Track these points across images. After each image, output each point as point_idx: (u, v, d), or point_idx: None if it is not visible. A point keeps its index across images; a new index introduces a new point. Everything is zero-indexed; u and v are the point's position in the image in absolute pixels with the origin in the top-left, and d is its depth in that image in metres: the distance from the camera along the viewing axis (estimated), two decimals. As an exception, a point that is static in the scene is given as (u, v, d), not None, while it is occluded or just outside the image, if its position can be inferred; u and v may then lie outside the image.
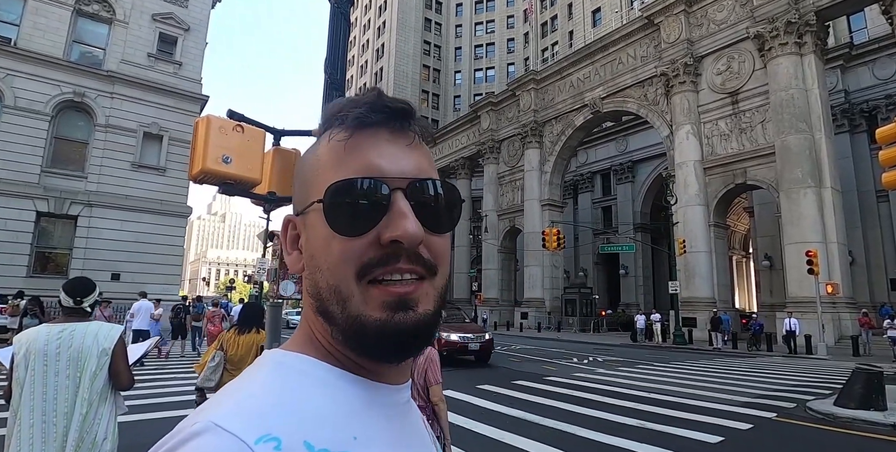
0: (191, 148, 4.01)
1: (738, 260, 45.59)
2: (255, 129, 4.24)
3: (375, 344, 0.47)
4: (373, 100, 0.51)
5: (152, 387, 8.91)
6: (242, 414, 0.40)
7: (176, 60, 22.43)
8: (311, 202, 0.50)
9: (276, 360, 0.49)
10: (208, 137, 3.93)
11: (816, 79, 21.46)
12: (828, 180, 20.59)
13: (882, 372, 7.67)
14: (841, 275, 19.69)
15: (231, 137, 4.07)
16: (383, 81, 58.16)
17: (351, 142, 0.49)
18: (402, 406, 0.53)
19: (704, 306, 23.02)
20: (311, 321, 0.52)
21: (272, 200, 4.41)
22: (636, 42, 29.00)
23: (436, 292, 0.49)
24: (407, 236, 0.45)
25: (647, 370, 13.04)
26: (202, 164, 3.90)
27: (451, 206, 0.51)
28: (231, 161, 4.01)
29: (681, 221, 23.96)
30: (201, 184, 4.20)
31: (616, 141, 39.81)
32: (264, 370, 0.48)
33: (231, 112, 4.18)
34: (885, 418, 6.84)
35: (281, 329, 3.89)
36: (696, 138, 24.80)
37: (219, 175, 3.98)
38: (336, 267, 0.47)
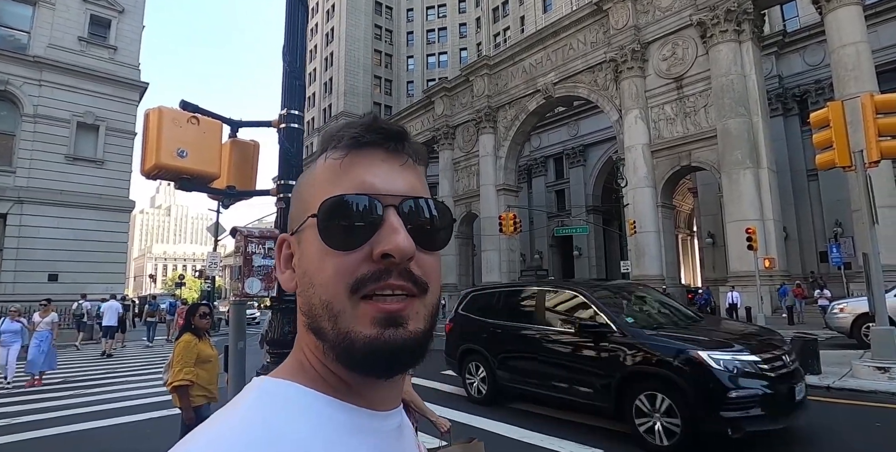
0: (143, 142, 3.81)
1: (684, 238, 47.85)
2: (210, 120, 4.07)
3: (364, 360, 0.46)
4: (369, 122, 0.52)
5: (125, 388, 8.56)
6: (221, 447, 0.39)
7: (110, 44, 21.05)
8: (305, 218, 0.51)
9: (261, 388, 0.49)
10: (161, 129, 3.75)
11: (754, 65, 22.54)
12: (764, 161, 21.81)
13: (816, 339, 8.33)
14: (777, 250, 21.04)
15: (186, 130, 3.90)
16: (334, 65, 56.71)
17: (346, 161, 0.51)
18: (393, 432, 0.52)
19: (654, 283, 24.02)
20: (304, 342, 0.52)
21: (232, 194, 4.27)
22: (586, 28, 29.47)
23: (426, 310, 0.49)
24: (398, 250, 0.46)
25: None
26: (156, 158, 3.72)
27: (443, 225, 0.52)
28: (187, 155, 3.85)
29: (631, 202, 24.85)
30: (155, 179, 4.01)
31: (568, 126, 40.61)
32: (248, 400, 0.47)
33: (184, 103, 3.98)
34: (820, 381, 7.45)
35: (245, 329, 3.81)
36: (643, 122, 25.63)
37: (174, 170, 3.82)
38: (329, 283, 0.47)
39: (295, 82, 4.28)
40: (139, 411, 7.25)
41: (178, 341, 4.17)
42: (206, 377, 4.07)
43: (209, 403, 4.09)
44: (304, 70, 4.37)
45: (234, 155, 4.40)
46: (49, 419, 6.89)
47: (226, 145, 4.33)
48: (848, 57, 19.43)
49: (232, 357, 3.47)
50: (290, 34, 4.27)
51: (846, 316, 11.41)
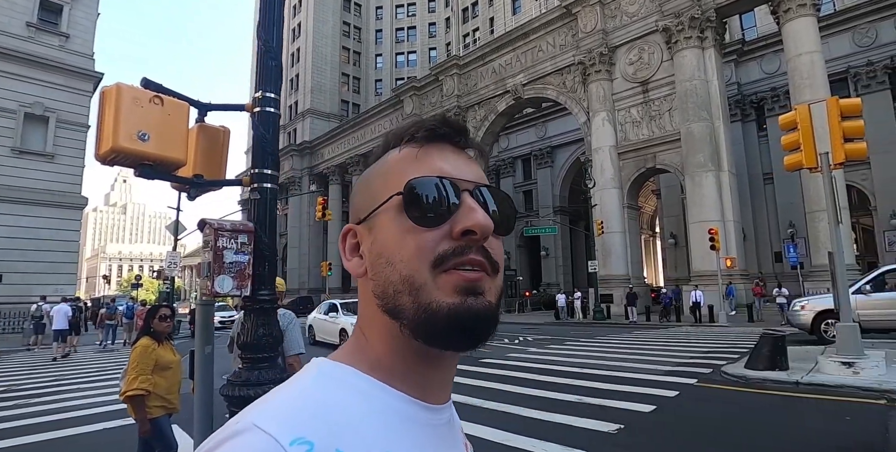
0: (98, 123, 3.43)
1: (647, 239, 49.07)
2: (176, 101, 3.70)
3: (447, 329, 0.48)
4: (442, 118, 0.57)
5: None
6: (280, 417, 0.43)
7: (62, 31, 19.85)
8: (384, 200, 0.52)
9: (321, 368, 0.51)
10: (119, 109, 3.37)
11: (716, 71, 23.27)
12: (725, 164, 22.53)
13: (785, 336, 8.53)
14: (736, 250, 21.76)
15: (148, 111, 3.53)
16: (300, 62, 55.54)
17: (422, 151, 0.54)
18: (442, 426, 0.54)
19: (620, 282, 24.52)
20: (370, 327, 0.53)
21: (200, 183, 3.92)
22: (555, 31, 29.79)
23: (497, 289, 0.52)
24: (480, 226, 0.49)
25: (575, 346, 13.65)
26: (113, 141, 3.34)
27: (510, 212, 0.55)
28: (149, 138, 3.48)
29: (598, 203, 25.23)
30: (112, 165, 3.62)
31: (536, 127, 41.01)
32: (308, 377, 0.50)
33: (147, 81, 3.61)
34: (788, 376, 7.61)
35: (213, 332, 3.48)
36: (611, 125, 26.08)
37: (134, 155, 3.44)
38: (411, 259, 0.49)
39: (271, 63, 3.97)
40: (92, 421, 6.73)
41: (135, 346, 3.80)
42: (164, 386, 3.70)
43: (169, 414, 3.73)
44: (280, 50, 4.06)
45: (202, 141, 4.04)
46: None
47: (192, 130, 3.96)
48: (803, 65, 20.26)
49: (198, 363, 3.15)
50: (267, 11, 3.97)
51: (807, 313, 11.80)
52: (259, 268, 3.41)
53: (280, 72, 4.03)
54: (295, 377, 0.50)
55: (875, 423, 5.60)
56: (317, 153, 50.89)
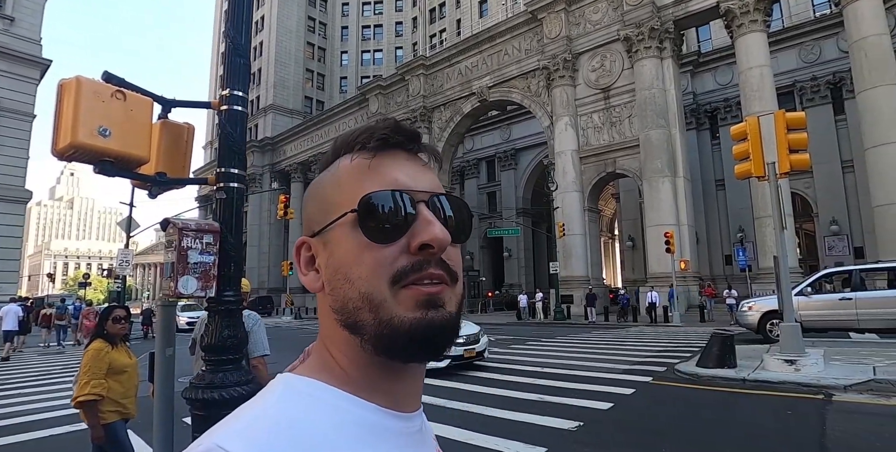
0: (55, 117, 3.30)
1: (606, 241, 50.42)
2: (139, 97, 3.59)
3: (409, 343, 0.47)
4: (393, 125, 0.55)
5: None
6: (246, 437, 0.41)
7: (6, 14, 18.72)
8: (338, 216, 0.51)
9: (287, 383, 0.50)
10: (79, 103, 3.25)
11: (673, 81, 24.20)
12: (681, 170, 23.45)
13: (733, 335, 8.97)
14: (690, 253, 22.68)
15: (110, 105, 3.42)
16: (263, 56, 54.24)
17: (375, 161, 0.53)
18: (415, 434, 0.53)
19: (580, 283, 25.13)
20: (331, 341, 0.52)
21: (163, 182, 3.82)
22: (521, 35, 30.25)
23: (457, 298, 0.52)
24: (437, 240, 0.48)
25: (536, 345, 13.92)
26: (72, 137, 3.22)
27: (465, 219, 0.55)
28: (110, 134, 3.38)
29: (560, 206, 25.78)
30: (70, 161, 3.49)
31: (500, 129, 41.50)
32: (274, 394, 0.48)
33: (108, 75, 3.49)
34: (736, 374, 8.02)
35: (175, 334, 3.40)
36: (573, 129, 26.69)
37: (94, 151, 3.33)
38: (370, 276, 0.48)
39: (239, 60, 3.91)
40: (39, 427, 6.40)
41: (87, 348, 3.65)
42: (119, 391, 3.57)
43: (125, 419, 3.60)
44: (249, 47, 4.02)
45: (165, 138, 3.93)
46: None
47: (155, 127, 3.86)
48: (754, 78, 21.33)
49: (159, 366, 3.06)
50: (236, 8, 3.91)
51: (754, 314, 12.44)
52: (224, 269, 3.37)
53: (248, 70, 3.98)
54: (261, 395, 0.49)
55: (813, 417, 5.99)
56: (279, 150, 49.83)
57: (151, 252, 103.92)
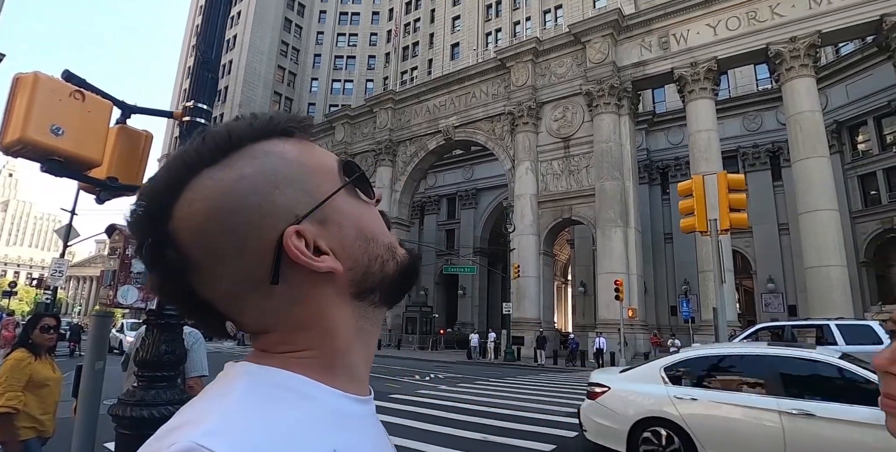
0: (6, 110, 3.16)
1: (559, 285, 51.22)
2: (98, 99, 3.51)
3: (409, 276, 0.56)
4: (294, 116, 0.56)
5: None
6: (227, 433, 0.39)
7: (-39, 6, 17.99)
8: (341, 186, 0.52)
9: (249, 372, 0.48)
10: (34, 99, 3.15)
11: (629, 136, 25.62)
12: (632, 221, 24.45)
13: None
14: (638, 302, 23.33)
15: (66, 105, 3.32)
16: (232, 74, 53.89)
17: (303, 144, 0.54)
18: (372, 417, 0.54)
19: (532, 326, 25.26)
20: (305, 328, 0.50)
21: (114, 187, 3.67)
22: (490, 80, 31.49)
23: None
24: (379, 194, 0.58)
25: (485, 385, 13.75)
26: (22, 131, 3.09)
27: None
28: (63, 133, 3.26)
29: (517, 247, 26.19)
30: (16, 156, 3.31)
31: (464, 168, 42.31)
32: (241, 384, 0.45)
33: (69, 74, 3.41)
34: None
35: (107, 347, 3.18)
36: (533, 174, 27.56)
37: (44, 148, 3.19)
38: (382, 229, 0.55)
39: (207, 75, 3.91)
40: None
41: (7, 358, 3.36)
42: (38, 405, 3.28)
43: (41, 438, 3.30)
44: (219, 63, 4.03)
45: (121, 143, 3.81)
46: None
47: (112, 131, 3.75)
48: (702, 140, 22.87)
49: (86, 380, 2.84)
50: (209, 24, 3.94)
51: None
52: (169, 282, 3.23)
53: (216, 85, 3.98)
54: (221, 386, 0.46)
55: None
56: (238, 171, 48.80)
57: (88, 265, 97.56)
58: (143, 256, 0.49)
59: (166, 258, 0.47)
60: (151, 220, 0.48)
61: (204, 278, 0.48)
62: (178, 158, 0.49)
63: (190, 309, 0.51)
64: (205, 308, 0.51)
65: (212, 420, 0.40)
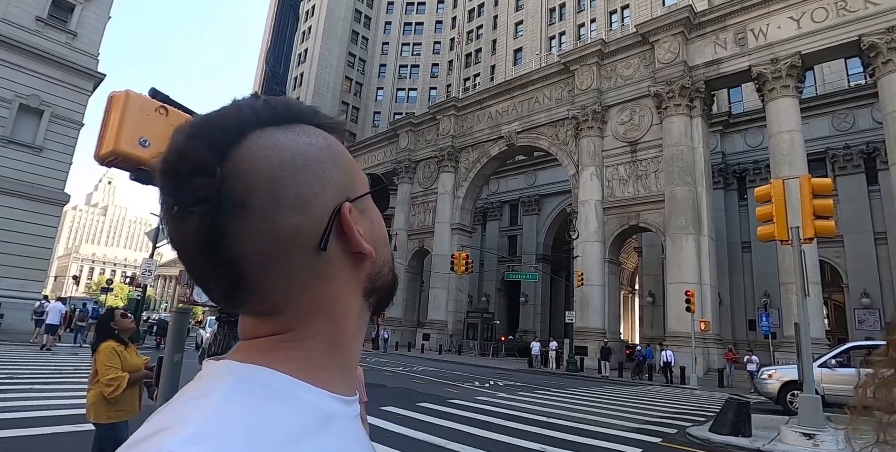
0: (101, 125, 3.51)
1: (626, 295, 49.36)
2: (181, 114, 3.82)
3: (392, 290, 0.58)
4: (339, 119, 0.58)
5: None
6: (207, 440, 0.37)
7: (70, 29, 20.12)
8: (377, 187, 0.57)
9: (234, 372, 0.45)
10: (125, 114, 3.48)
11: (702, 139, 24.32)
12: (706, 228, 23.14)
13: (749, 402, 8.56)
14: (711, 314, 22.00)
15: (152, 119, 3.64)
16: (303, 86, 56.65)
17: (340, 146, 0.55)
18: (356, 418, 0.52)
19: (596, 336, 24.48)
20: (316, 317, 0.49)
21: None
22: (553, 84, 31.04)
23: None
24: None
25: (545, 395, 13.46)
26: (115, 144, 3.43)
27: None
28: (150, 145, 3.58)
29: (580, 254, 25.51)
30: (109, 167, 3.68)
31: (526, 174, 41.87)
32: (224, 385, 0.43)
33: (155, 91, 3.73)
34: (751, 443, 7.60)
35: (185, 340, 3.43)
36: (598, 180, 26.80)
37: (133, 159, 3.52)
38: (388, 239, 0.58)
39: (275, 88, 4.16)
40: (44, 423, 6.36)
41: (101, 348, 3.70)
42: (129, 391, 3.61)
43: (126, 421, 3.62)
44: (286, 76, 4.26)
45: (200, 154, 4.13)
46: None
47: (193, 143, 4.07)
48: (784, 142, 21.30)
49: (166, 370, 3.09)
50: (277, 40, 4.18)
51: (774, 382, 11.88)
52: (242, 281, 3.46)
53: (283, 97, 4.23)
54: (203, 386, 0.44)
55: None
56: (308, 177, 51.05)
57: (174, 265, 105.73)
58: (185, 189, 0.43)
59: (216, 195, 0.43)
60: (211, 151, 0.44)
61: (249, 228, 0.44)
62: (247, 106, 0.48)
63: (206, 266, 0.46)
64: (222, 268, 0.45)
65: (191, 425, 0.38)
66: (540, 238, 40.08)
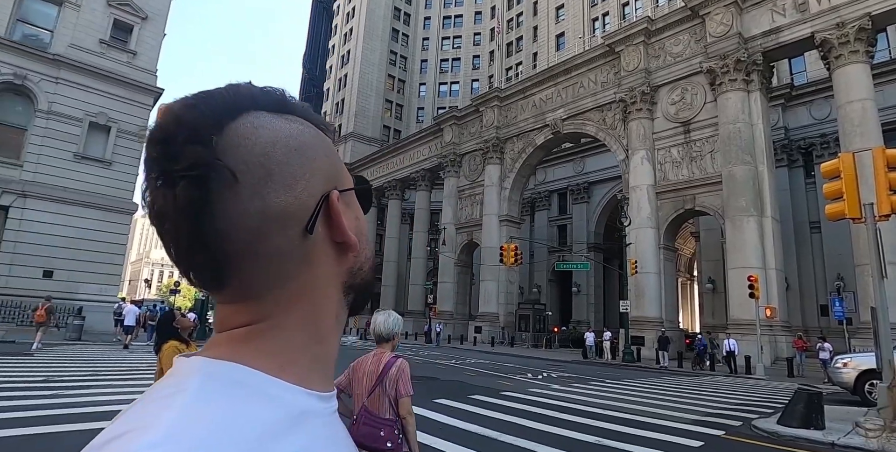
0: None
1: (684, 282, 47.55)
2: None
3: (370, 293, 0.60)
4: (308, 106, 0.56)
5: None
6: (177, 442, 0.35)
7: (130, 49, 21.42)
8: (363, 184, 0.58)
9: (202, 368, 0.44)
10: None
11: (761, 115, 22.89)
12: (768, 209, 21.84)
13: (821, 393, 8.06)
14: (778, 300, 20.80)
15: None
16: (347, 87, 57.70)
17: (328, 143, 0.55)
18: (331, 415, 0.51)
19: (652, 325, 23.74)
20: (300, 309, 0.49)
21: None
22: (597, 68, 30.09)
23: None
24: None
25: (600, 386, 13.21)
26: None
27: None
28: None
29: (633, 242, 24.74)
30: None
31: (574, 162, 40.96)
32: (194, 383, 0.42)
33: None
34: (824, 436, 7.15)
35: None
36: (649, 164, 25.82)
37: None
38: (368, 238, 0.58)
39: (313, 90, 4.28)
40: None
41: (165, 348, 3.94)
42: None
43: None
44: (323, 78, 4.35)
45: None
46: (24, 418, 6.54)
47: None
48: (854, 113, 19.72)
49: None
50: (312, 43, 4.28)
51: (849, 371, 11.12)
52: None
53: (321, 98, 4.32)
54: (173, 386, 0.42)
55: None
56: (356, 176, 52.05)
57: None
58: (179, 156, 0.42)
59: (209, 165, 0.42)
60: (207, 121, 0.44)
61: (238, 202, 0.43)
62: (244, 88, 0.49)
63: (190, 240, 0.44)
64: (206, 244, 0.44)
65: (158, 427, 0.36)
66: (590, 227, 39.20)
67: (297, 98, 0.57)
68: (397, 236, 45.93)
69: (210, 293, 0.48)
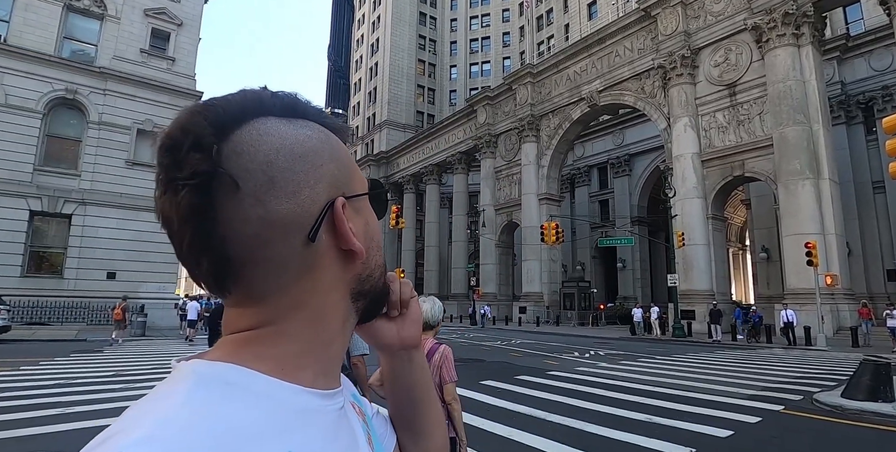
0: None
1: (735, 252, 45.74)
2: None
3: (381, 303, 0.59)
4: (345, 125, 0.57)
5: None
6: (159, 442, 0.36)
7: (169, 55, 22.17)
8: (378, 189, 0.57)
9: (196, 370, 0.44)
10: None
11: (814, 70, 21.42)
12: (826, 171, 20.58)
13: (890, 363, 7.64)
14: (839, 266, 19.74)
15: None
16: (379, 75, 57.76)
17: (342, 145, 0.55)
18: (336, 412, 0.51)
19: (703, 298, 23.04)
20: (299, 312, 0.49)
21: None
22: (633, 34, 28.85)
23: None
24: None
25: (649, 363, 13.01)
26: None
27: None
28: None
29: (679, 213, 23.93)
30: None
31: (613, 134, 39.74)
32: (185, 384, 0.42)
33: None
34: (894, 409, 6.81)
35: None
36: (693, 131, 24.74)
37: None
38: (381, 244, 0.57)
39: (339, 81, 4.32)
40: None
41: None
42: None
43: None
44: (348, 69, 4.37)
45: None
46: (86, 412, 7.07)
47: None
48: (921, 61, 18.14)
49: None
50: (336, 34, 4.29)
51: (921, 339, 10.46)
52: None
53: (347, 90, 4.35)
54: (166, 389, 0.43)
55: None
56: (392, 163, 52.48)
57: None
58: (182, 163, 0.44)
59: (211, 172, 0.43)
60: (212, 129, 0.45)
61: (240, 209, 0.44)
62: (252, 94, 0.49)
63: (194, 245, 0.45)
64: (209, 249, 0.45)
65: (146, 426, 0.37)
66: (633, 200, 38.11)
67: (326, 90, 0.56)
68: (437, 220, 46.17)
69: (216, 296, 0.50)
